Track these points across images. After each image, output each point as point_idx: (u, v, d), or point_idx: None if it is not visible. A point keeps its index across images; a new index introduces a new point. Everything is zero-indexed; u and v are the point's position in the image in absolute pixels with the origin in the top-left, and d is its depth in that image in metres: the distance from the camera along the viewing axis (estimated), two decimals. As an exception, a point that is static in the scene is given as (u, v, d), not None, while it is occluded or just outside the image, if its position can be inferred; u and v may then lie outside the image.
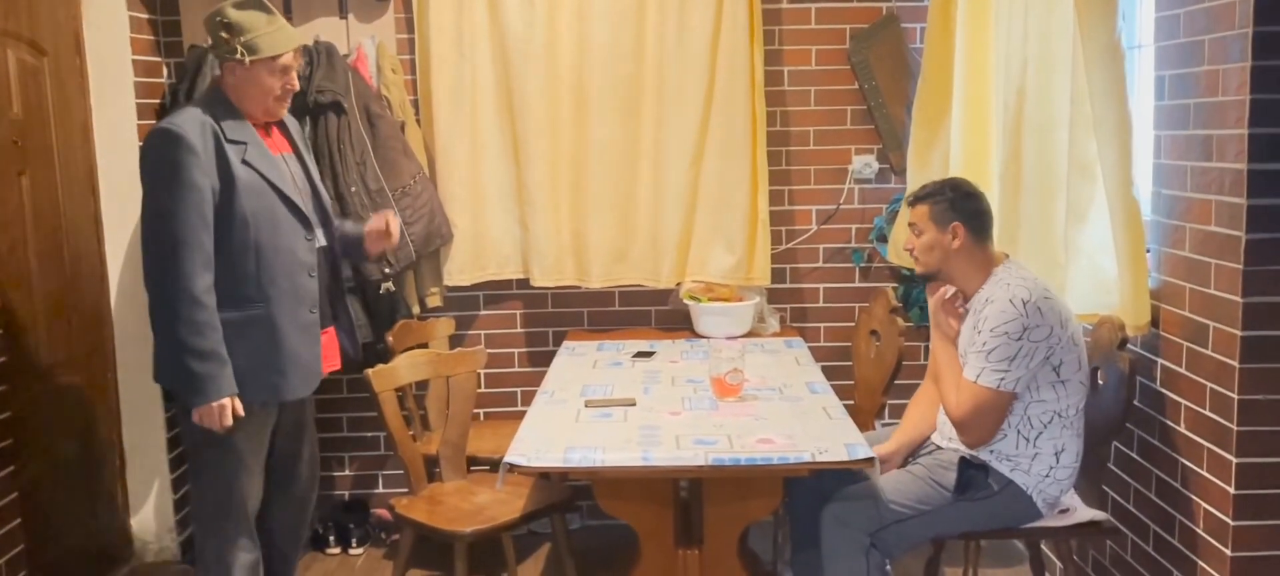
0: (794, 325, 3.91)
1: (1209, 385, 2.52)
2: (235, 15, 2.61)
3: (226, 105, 2.65)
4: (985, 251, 2.71)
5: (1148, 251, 2.76)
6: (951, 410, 2.65)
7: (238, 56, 2.59)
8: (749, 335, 3.71)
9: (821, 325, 3.94)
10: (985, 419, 2.61)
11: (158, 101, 3.68)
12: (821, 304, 3.94)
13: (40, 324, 3.19)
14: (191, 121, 2.56)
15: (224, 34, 2.60)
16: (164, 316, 2.56)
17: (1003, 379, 2.55)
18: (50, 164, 3.28)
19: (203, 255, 2.53)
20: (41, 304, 3.19)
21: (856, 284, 3.92)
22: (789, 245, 3.89)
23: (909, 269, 3.66)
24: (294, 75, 2.72)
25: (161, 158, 2.53)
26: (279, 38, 2.64)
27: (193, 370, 2.53)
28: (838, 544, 2.65)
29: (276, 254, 2.64)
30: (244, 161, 2.61)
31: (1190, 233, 2.59)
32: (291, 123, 2.86)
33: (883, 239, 3.81)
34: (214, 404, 2.55)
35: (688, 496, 3.06)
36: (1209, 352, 2.51)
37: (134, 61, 3.54)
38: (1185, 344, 2.63)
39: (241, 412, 2.60)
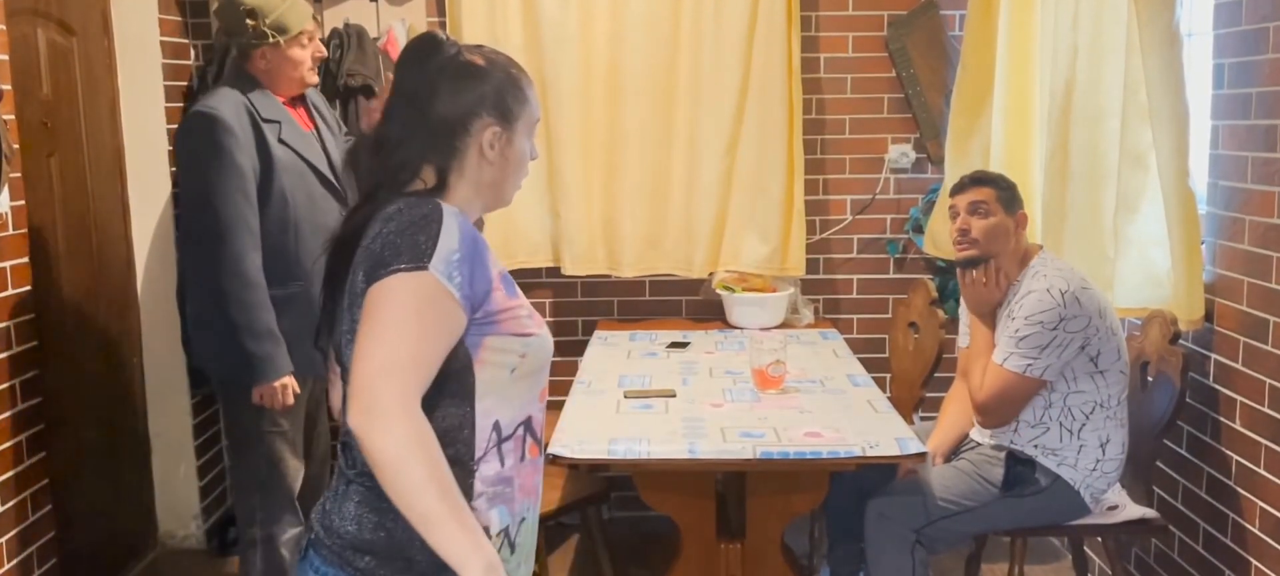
0: (827, 316, 3.86)
1: (1268, 381, 2.46)
2: (254, 3, 2.57)
3: (256, 85, 2.62)
4: (1026, 243, 2.71)
5: (1202, 244, 2.70)
6: (974, 391, 2.64)
7: (270, 40, 2.57)
8: (783, 326, 3.65)
9: (855, 316, 3.88)
10: (1007, 404, 2.60)
11: (185, 84, 3.64)
12: (855, 295, 3.88)
13: (69, 308, 3.15)
14: (228, 103, 2.54)
15: (249, 21, 2.56)
16: (213, 300, 2.52)
17: (1030, 365, 2.53)
18: (78, 146, 3.23)
19: (251, 236, 2.51)
20: (70, 288, 3.15)
21: (891, 276, 3.86)
22: (823, 235, 3.84)
23: (944, 260, 3.61)
24: (319, 40, 2.70)
25: (202, 141, 2.50)
26: (301, 9, 2.63)
27: (251, 351, 2.52)
28: (883, 540, 2.61)
29: (314, 230, 2.61)
30: (280, 140, 2.58)
31: (1249, 225, 2.52)
32: (315, 96, 2.83)
33: (918, 230, 3.75)
34: (275, 383, 2.54)
35: (723, 489, 3.00)
36: (1269, 348, 2.45)
37: (162, 43, 3.49)
38: (1242, 339, 2.57)
39: (299, 389, 2.60)
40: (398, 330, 1.35)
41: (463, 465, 1.44)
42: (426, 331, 1.37)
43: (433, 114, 1.47)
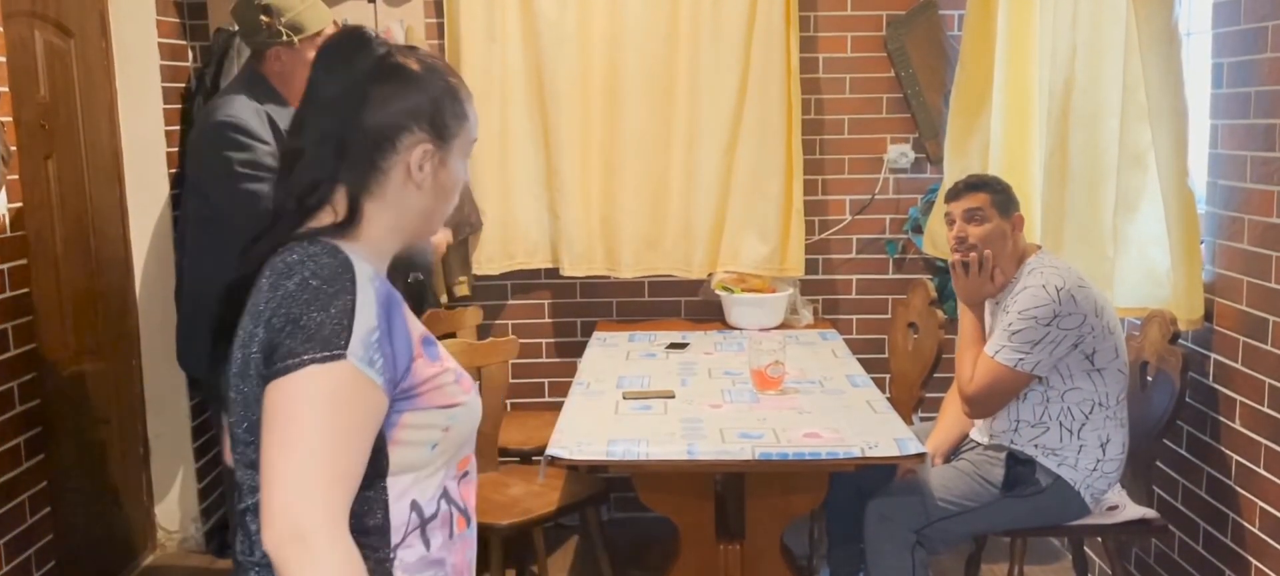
0: (826, 317, 3.85)
1: (1268, 381, 2.46)
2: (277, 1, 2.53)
3: (272, 93, 2.56)
4: (1023, 243, 2.70)
5: (1201, 243, 2.69)
6: (964, 383, 2.63)
7: (284, 39, 2.51)
8: (782, 327, 3.65)
9: (854, 317, 3.88)
10: (996, 397, 2.60)
11: (183, 86, 3.63)
12: (855, 295, 3.88)
13: (67, 310, 3.15)
14: (248, 112, 2.48)
15: (264, 18, 2.51)
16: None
17: (1021, 360, 2.52)
18: (76, 148, 3.23)
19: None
20: (68, 290, 3.15)
21: (890, 276, 3.86)
22: (822, 236, 3.83)
23: (943, 260, 3.60)
24: None
25: (222, 150, 2.45)
26: (320, 10, 2.59)
27: None
28: (883, 540, 2.60)
29: None
30: None
31: (1249, 224, 2.52)
32: None
33: (918, 230, 3.74)
34: None
35: (722, 490, 3.00)
36: (1269, 347, 2.45)
37: (160, 44, 3.48)
38: (1242, 338, 2.56)
39: None
40: (315, 440, 1.13)
41: (377, 554, 1.24)
42: (350, 434, 1.16)
43: (355, 125, 1.23)
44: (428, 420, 1.25)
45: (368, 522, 1.23)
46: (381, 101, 1.24)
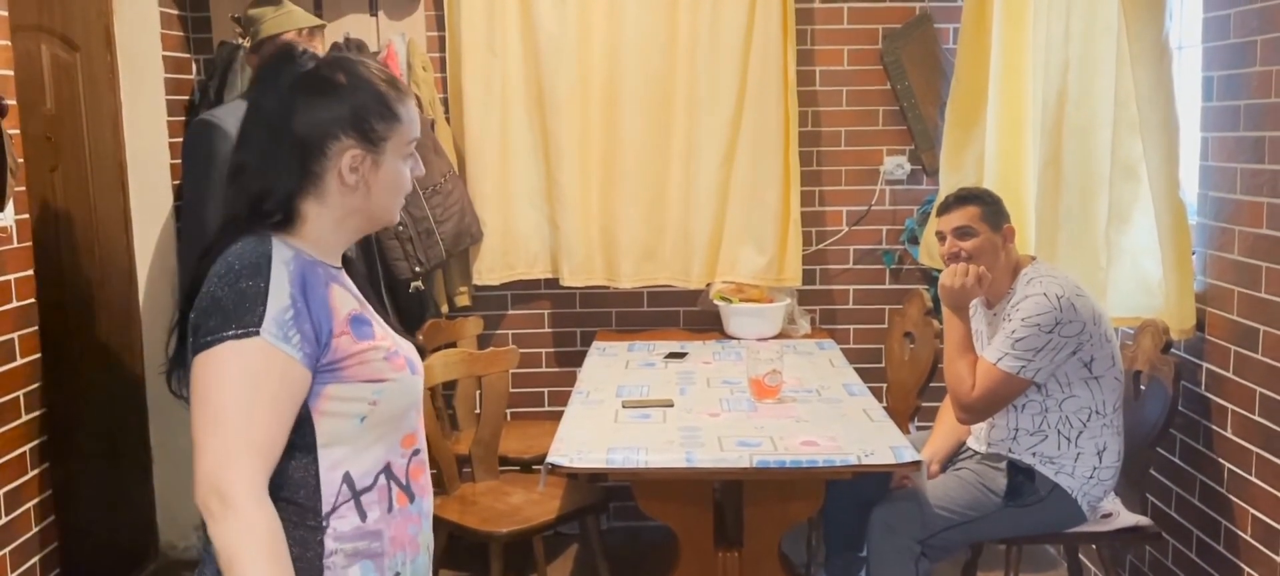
0: (824, 326, 3.89)
1: (1259, 389, 2.49)
2: (251, 11, 2.76)
3: None
4: (1017, 254, 2.72)
5: (1193, 254, 2.73)
6: (962, 390, 2.63)
7: (250, 46, 2.74)
8: (779, 336, 3.68)
9: (851, 327, 3.91)
10: (995, 403, 2.62)
11: (186, 98, 3.67)
12: (851, 305, 3.91)
13: (72, 320, 3.18)
14: (231, 113, 2.60)
15: (238, 29, 2.76)
16: None
17: (1023, 367, 2.55)
18: (81, 159, 3.26)
19: None
20: (73, 300, 3.18)
21: (887, 286, 3.89)
22: (819, 246, 3.87)
23: (939, 270, 3.63)
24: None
25: (198, 148, 2.60)
26: (281, 19, 2.75)
27: None
28: (887, 550, 2.62)
29: None
30: None
31: (1239, 235, 2.55)
32: None
33: (914, 240, 3.78)
34: None
35: (721, 498, 3.03)
36: (1259, 357, 2.48)
37: (164, 58, 3.52)
38: (1233, 348, 2.59)
39: None
40: (235, 410, 1.25)
41: (308, 521, 1.34)
42: (267, 405, 1.27)
43: (285, 135, 1.33)
44: (352, 393, 1.35)
45: (300, 494, 1.34)
46: (306, 112, 1.34)
